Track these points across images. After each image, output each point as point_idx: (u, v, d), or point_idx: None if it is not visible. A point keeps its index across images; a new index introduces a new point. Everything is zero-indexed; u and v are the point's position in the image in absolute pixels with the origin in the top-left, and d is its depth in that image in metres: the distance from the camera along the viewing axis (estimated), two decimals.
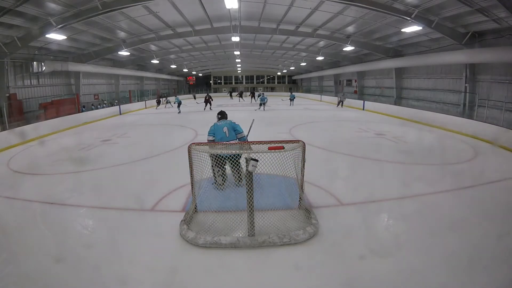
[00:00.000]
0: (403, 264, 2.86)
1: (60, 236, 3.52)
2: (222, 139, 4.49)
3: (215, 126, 4.67)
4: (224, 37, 17.82)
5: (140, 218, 3.96)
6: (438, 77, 13.96)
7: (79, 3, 9.25)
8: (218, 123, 4.71)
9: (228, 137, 4.52)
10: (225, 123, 4.69)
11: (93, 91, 19.30)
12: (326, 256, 3.03)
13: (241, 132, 4.69)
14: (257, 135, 10.03)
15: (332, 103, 23.73)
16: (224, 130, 4.59)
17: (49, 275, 2.76)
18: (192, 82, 40.31)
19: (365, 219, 3.85)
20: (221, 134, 4.55)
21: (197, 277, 2.75)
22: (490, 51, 9.85)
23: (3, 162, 7.03)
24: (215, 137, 4.55)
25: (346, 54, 20.14)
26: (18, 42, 10.54)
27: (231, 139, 4.50)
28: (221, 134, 4.55)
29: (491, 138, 8.49)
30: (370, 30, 13.83)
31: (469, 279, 2.66)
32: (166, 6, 10.93)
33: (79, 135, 10.95)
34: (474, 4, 8.55)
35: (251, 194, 3.21)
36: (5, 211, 4.29)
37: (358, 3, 9.39)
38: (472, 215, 3.94)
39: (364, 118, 14.65)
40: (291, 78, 41.56)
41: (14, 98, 12.37)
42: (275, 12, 12.57)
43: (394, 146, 8.22)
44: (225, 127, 4.61)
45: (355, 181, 5.38)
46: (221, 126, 4.64)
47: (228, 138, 4.50)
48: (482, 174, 5.64)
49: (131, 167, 6.46)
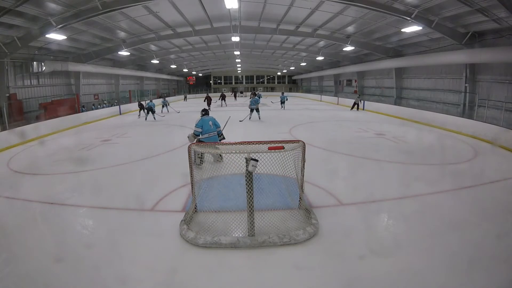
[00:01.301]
0: (403, 264, 2.86)
1: (60, 236, 3.52)
2: (208, 130, 5.70)
3: (203, 120, 5.72)
4: (224, 37, 17.82)
5: (140, 218, 3.96)
6: (438, 77, 13.96)
7: (79, 3, 9.24)
8: (205, 118, 5.80)
9: (212, 129, 5.75)
10: (209, 118, 5.86)
11: (93, 91, 19.29)
12: (326, 256, 3.04)
13: (219, 127, 5.98)
14: (257, 135, 10.01)
15: (332, 103, 23.74)
16: (210, 123, 5.74)
17: (49, 275, 2.77)
18: (192, 82, 40.29)
19: (365, 219, 3.85)
20: (207, 126, 5.70)
21: (197, 277, 2.75)
22: (490, 51, 9.84)
23: (3, 162, 7.03)
24: (202, 129, 5.64)
25: (346, 54, 20.13)
26: (18, 42, 10.53)
27: (213, 130, 5.77)
28: (207, 126, 5.70)
29: (491, 138, 8.49)
30: (370, 30, 13.82)
31: (469, 279, 2.66)
32: (166, 6, 10.93)
33: (79, 135, 10.95)
34: (474, 4, 8.55)
35: (251, 194, 3.21)
36: (5, 211, 4.29)
37: (358, 3, 9.38)
38: (472, 215, 3.94)
39: (364, 118, 14.65)
40: (291, 78, 41.59)
41: (14, 98, 12.37)
42: (275, 12, 12.56)
43: (394, 146, 8.22)
44: (210, 121, 5.77)
45: (355, 181, 5.38)
46: (207, 120, 5.77)
47: (212, 130, 5.75)
48: (482, 174, 5.64)
49: (131, 167, 6.46)
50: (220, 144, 4.35)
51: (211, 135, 5.69)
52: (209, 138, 5.65)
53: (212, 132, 5.72)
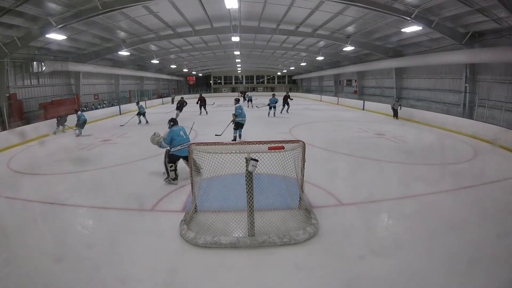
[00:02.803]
0: (403, 264, 2.86)
1: (60, 236, 3.52)
2: (181, 141, 5.05)
3: (172, 132, 5.09)
4: (224, 37, 17.81)
5: (140, 218, 3.96)
6: (438, 77, 13.96)
7: (79, 3, 9.24)
8: (174, 129, 5.16)
9: (185, 139, 5.13)
10: (179, 128, 5.23)
11: (93, 91, 19.28)
12: (326, 256, 3.04)
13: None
14: (257, 135, 9.98)
15: (332, 103, 23.68)
16: (181, 133, 5.13)
17: (49, 275, 2.77)
18: (192, 82, 40.28)
19: (365, 219, 3.85)
20: (179, 137, 5.07)
21: (197, 277, 2.75)
22: (490, 51, 9.84)
23: (3, 162, 7.03)
24: (171, 143, 5.03)
25: (346, 54, 20.13)
26: (18, 42, 10.53)
27: (187, 140, 5.11)
28: (179, 137, 5.07)
29: (491, 138, 8.49)
30: (370, 30, 13.82)
31: (469, 279, 2.66)
32: (166, 6, 10.92)
33: (79, 135, 10.93)
34: (474, 4, 8.55)
35: (251, 194, 3.21)
36: (5, 211, 4.29)
37: (358, 3, 9.38)
38: (472, 215, 3.94)
39: (364, 118, 14.66)
40: (291, 78, 41.56)
41: (14, 98, 12.36)
42: (275, 12, 12.56)
43: (394, 146, 8.22)
44: (181, 131, 5.17)
45: (355, 181, 5.38)
46: (177, 130, 5.14)
47: (186, 140, 5.12)
48: (482, 174, 5.64)
49: (131, 167, 6.47)
50: (220, 144, 4.31)
51: (184, 146, 4.97)
52: (181, 150, 4.98)
53: (185, 142, 5.04)
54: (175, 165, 5.07)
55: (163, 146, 5.20)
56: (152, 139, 5.55)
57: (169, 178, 5.13)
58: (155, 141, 5.48)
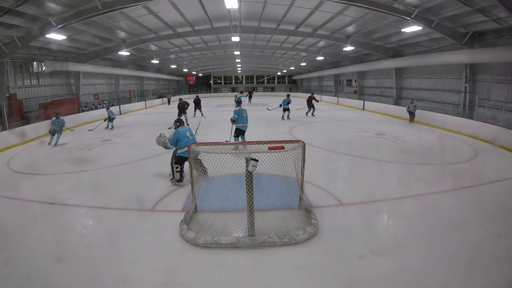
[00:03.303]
0: (403, 264, 2.86)
1: (60, 236, 3.52)
2: (188, 142, 4.80)
3: (178, 133, 4.98)
4: (224, 37, 17.80)
5: (140, 218, 3.96)
6: (438, 77, 13.96)
7: (79, 3, 9.23)
8: (180, 130, 5.05)
9: (192, 139, 4.98)
10: (185, 129, 5.12)
11: (93, 91, 19.28)
12: (326, 256, 3.04)
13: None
14: (257, 135, 9.99)
15: (332, 103, 23.68)
16: (187, 134, 5.02)
17: (49, 275, 2.77)
18: (192, 82, 40.29)
19: (365, 219, 3.85)
20: (185, 138, 4.95)
21: (197, 277, 2.75)
22: (490, 51, 9.84)
23: (3, 162, 7.03)
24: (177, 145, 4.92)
25: (346, 54, 20.13)
26: (18, 42, 10.53)
27: (193, 141, 4.93)
28: (185, 138, 4.95)
29: (491, 138, 8.49)
30: (370, 30, 13.82)
31: (469, 279, 2.66)
32: (166, 6, 10.92)
33: (79, 135, 10.94)
34: (474, 4, 8.55)
35: (251, 194, 3.21)
36: (5, 211, 4.29)
37: (358, 3, 9.38)
38: (472, 215, 3.94)
39: (364, 118, 14.65)
40: (291, 78, 41.54)
41: (14, 98, 12.36)
42: (275, 12, 12.56)
43: (394, 146, 8.22)
44: (187, 132, 5.05)
45: (355, 181, 5.39)
46: (183, 131, 5.02)
47: (192, 141, 4.94)
48: (482, 174, 5.64)
49: (131, 167, 6.47)
50: (220, 144, 4.32)
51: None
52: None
53: (194, 142, 4.80)
54: (181, 167, 4.96)
55: (168, 147, 5.13)
56: (157, 140, 5.43)
57: (174, 179, 5.07)
58: (161, 142, 5.35)
